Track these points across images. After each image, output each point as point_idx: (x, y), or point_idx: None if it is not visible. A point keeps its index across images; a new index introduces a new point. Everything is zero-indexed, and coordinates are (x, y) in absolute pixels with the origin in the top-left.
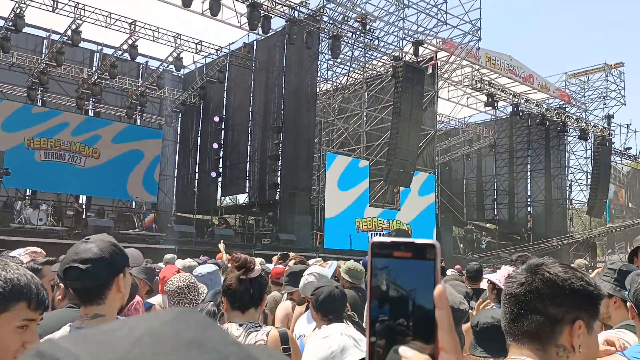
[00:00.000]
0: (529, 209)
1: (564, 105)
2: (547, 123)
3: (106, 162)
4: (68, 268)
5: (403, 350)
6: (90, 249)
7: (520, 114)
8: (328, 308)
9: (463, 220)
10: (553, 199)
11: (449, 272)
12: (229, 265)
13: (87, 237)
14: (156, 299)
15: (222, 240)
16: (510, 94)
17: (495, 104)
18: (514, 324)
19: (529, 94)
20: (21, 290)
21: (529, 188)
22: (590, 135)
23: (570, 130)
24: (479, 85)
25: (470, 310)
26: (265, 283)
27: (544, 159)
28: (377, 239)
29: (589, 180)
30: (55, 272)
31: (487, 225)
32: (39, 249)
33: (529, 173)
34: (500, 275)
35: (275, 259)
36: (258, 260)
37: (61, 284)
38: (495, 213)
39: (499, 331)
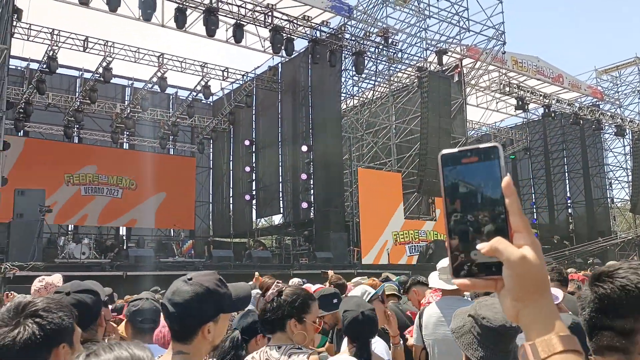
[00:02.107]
0: (570, 210)
1: (597, 103)
2: (581, 122)
3: (143, 193)
4: (163, 303)
5: (480, 245)
6: (183, 294)
7: (553, 114)
8: (353, 333)
9: None
10: (594, 198)
11: None
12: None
13: (189, 277)
14: None
15: (256, 273)
16: (541, 95)
17: (526, 107)
18: (591, 341)
19: (559, 94)
20: None
21: (567, 189)
22: (627, 131)
23: (606, 127)
24: (507, 89)
25: None
26: (282, 304)
27: (580, 158)
28: (446, 150)
29: (630, 177)
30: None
31: None
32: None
33: (566, 174)
34: None
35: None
36: (296, 280)
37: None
38: (535, 217)
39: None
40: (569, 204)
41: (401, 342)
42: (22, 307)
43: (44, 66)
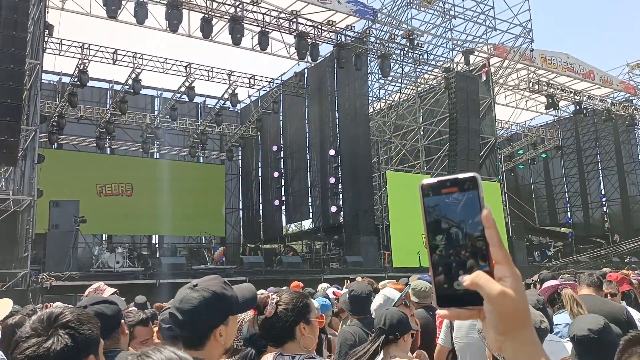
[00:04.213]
0: (604, 209)
1: (630, 98)
2: (614, 118)
3: (173, 201)
4: (171, 313)
5: (462, 278)
6: (192, 300)
7: (584, 111)
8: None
9: (535, 227)
10: (629, 196)
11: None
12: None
13: (194, 283)
14: None
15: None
16: (571, 92)
17: (557, 105)
18: None
19: (591, 90)
20: None
21: (602, 187)
22: None
23: None
24: (537, 87)
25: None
26: (286, 313)
27: (614, 155)
28: (426, 180)
29: None
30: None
31: (562, 229)
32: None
33: (600, 172)
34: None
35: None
36: (324, 286)
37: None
38: (569, 216)
39: (597, 342)
40: (603, 202)
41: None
42: (54, 317)
43: (75, 80)
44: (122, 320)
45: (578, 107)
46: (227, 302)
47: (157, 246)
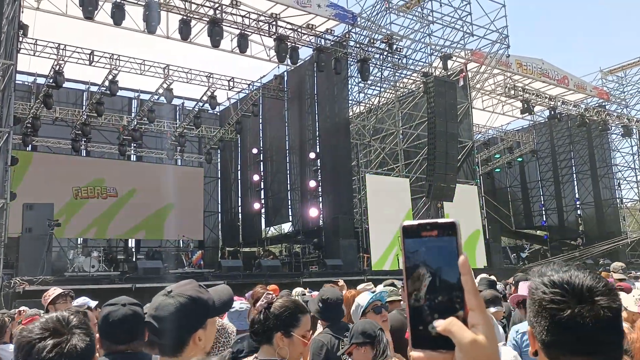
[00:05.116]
0: (579, 212)
1: (604, 103)
2: (588, 123)
3: (151, 204)
4: (147, 321)
5: (437, 322)
6: (167, 307)
7: (559, 116)
8: (372, 338)
9: (512, 229)
10: (603, 199)
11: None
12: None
13: (169, 290)
14: None
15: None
16: (546, 97)
17: (532, 110)
18: None
19: (565, 96)
20: None
21: (576, 191)
22: (634, 131)
23: (613, 127)
24: (512, 92)
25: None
26: (269, 317)
27: (588, 159)
28: (407, 222)
29: (639, 177)
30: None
31: (537, 232)
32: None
33: (574, 175)
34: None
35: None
36: (299, 290)
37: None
38: (544, 219)
39: None
40: (577, 206)
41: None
42: (67, 318)
43: (51, 81)
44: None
45: (553, 112)
46: (203, 305)
47: (133, 250)
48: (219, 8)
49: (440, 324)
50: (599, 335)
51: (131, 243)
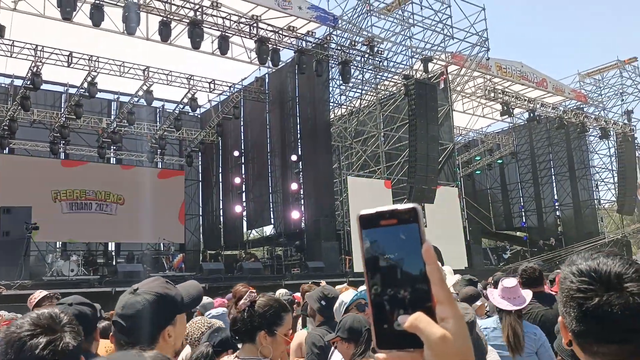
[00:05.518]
0: (558, 213)
1: (581, 106)
2: (566, 125)
3: (131, 207)
4: (114, 321)
5: (402, 318)
6: (135, 305)
7: (538, 119)
8: (357, 335)
9: (492, 231)
10: (581, 200)
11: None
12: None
13: (135, 288)
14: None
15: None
16: (525, 100)
17: (511, 112)
18: None
19: (544, 98)
20: None
21: (555, 192)
22: (611, 133)
23: (591, 130)
24: (492, 94)
25: None
26: (253, 315)
27: (566, 161)
28: (364, 211)
29: (616, 179)
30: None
31: (517, 233)
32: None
33: (553, 177)
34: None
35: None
36: (283, 291)
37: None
38: (524, 220)
39: None
40: (556, 207)
41: None
42: (59, 316)
43: (28, 82)
44: (98, 327)
45: (532, 114)
46: (171, 301)
47: (113, 254)
48: (200, 9)
49: (405, 320)
50: (629, 323)
51: (111, 247)
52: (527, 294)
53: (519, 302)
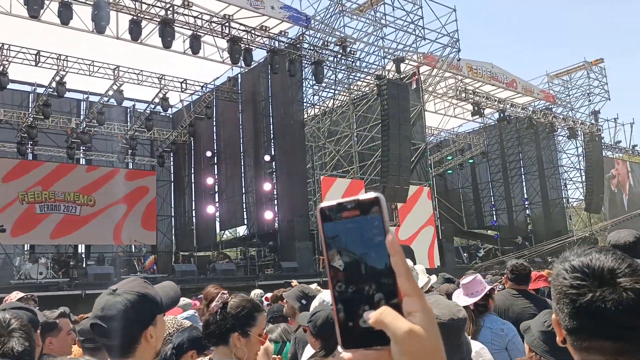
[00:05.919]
0: (527, 211)
1: (550, 106)
2: (535, 125)
3: (101, 209)
4: (93, 323)
5: (367, 315)
6: (115, 305)
7: (508, 119)
8: (329, 333)
9: (464, 230)
10: (550, 199)
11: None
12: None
13: (114, 288)
14: None
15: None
16: (496, 100)
17: (482, 112)
18: None
19: (514, 99)
20: None
21: (524, 191)
22: (579, 133)
23: (559, 129)
24: (463, 95)
25: None
26: (226, 316)
27: (536, 161)
28: (324, 203)
29: (584, 177)
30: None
31: (488, 232)
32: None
33: (523, 176)
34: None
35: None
36: (258, 292)
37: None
38: (495, 219)
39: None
40: (526, 205)
41: None
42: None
43: None
44: (38, 331)
45: (502, 114)
46: (152, 301)
47: (83, 256)
48: (171, 8)
49: (371, 316)
50: (622, 318)
51: (81, 249)
52: (485, 287)
53: (476, 296)
